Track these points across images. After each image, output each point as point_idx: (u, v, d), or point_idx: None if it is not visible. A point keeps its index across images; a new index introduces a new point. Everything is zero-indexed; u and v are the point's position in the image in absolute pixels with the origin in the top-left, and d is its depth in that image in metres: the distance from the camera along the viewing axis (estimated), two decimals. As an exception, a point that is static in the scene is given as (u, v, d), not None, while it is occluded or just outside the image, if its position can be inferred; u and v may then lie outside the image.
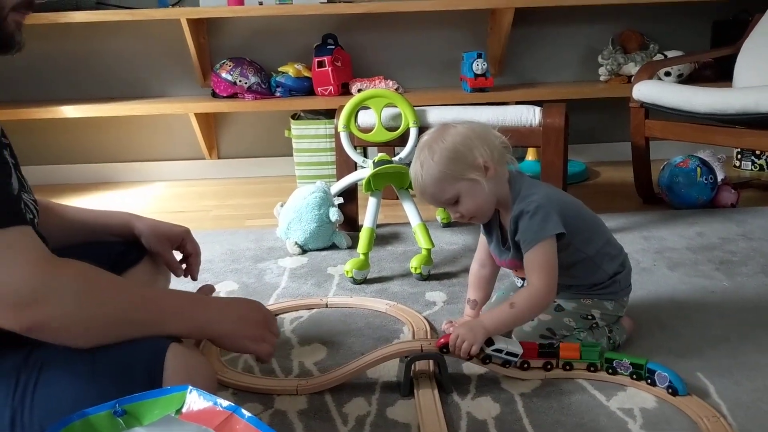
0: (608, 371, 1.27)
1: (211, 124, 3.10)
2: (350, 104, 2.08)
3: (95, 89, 3.01)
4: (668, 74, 2.88)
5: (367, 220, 1.90)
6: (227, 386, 1.28)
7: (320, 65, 2.79)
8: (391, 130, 2.10)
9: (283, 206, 2.12)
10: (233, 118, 3.13)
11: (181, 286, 1.35)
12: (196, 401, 0.78)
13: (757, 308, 1.58)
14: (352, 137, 2.12)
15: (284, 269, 1.93)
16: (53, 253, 0.89)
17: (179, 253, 1.32)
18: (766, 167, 2.94)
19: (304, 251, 2.06)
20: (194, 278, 1.34)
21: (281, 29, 2.99)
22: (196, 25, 2.81)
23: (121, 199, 2.87)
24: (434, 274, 1.85)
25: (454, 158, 1.26)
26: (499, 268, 1.46)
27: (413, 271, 1.82)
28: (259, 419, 0.75)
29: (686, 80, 2.87)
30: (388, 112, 2.11)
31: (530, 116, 2.05)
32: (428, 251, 1.85)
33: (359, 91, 2.72)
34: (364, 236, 1.86)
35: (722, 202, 2.38)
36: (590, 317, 1.36)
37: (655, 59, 2.85)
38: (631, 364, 1.25)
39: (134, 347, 0.90)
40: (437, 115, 2.12)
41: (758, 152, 2.92)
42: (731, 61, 2.57)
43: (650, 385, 1.23)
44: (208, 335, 1.04)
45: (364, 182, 1.93)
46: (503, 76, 3.07)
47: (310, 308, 1.65)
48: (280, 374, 1.35)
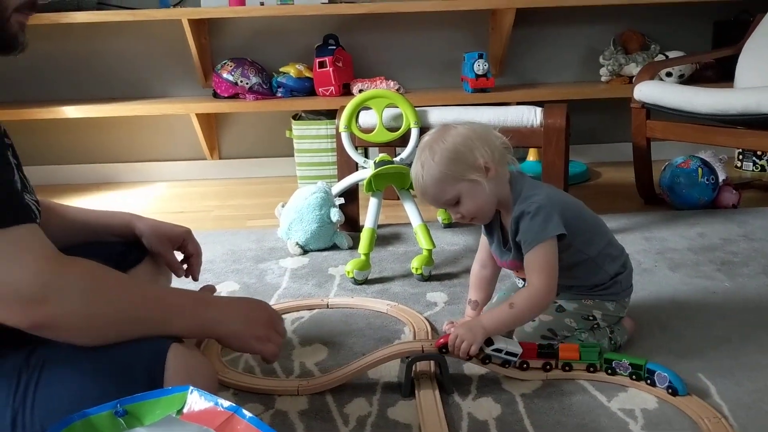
0: (607, 372, 1.27)
1: (212, 124, 3.11)
2: (351, 104, 2.08)
3: (97, 89, 3.02)
4: (669, 75, 2.87)
5: (368, 220, 1.90)
6: (228, 386, 1.28)
7: (321, 66, 2.79)
8: (392, 130, 2.10)
9: (284, 206, 2.12)
10: (234, 118, 3.14)
11: (182, 286, 1.34)
12: (197, 401, 0.78)
13: (758, 309, 1.58)
14: (353, 137, 2.12)
15: (285, 270, 1.93)
16: None
17: (180, 253, 1.32)
18: (767, 168, 2.94)
19: (305, 252, 2.06)
20: (195, 279, 1.34)
21: (282, 29, 2.99)
22: (197, 25, 2.81)
23: (122, 199, 2.87)
24: (435, 274, 1.85)
25: (454, 159, 1.25)
26: (500, 268, 1.46)
27: (414, 271, 1.82)
28: (260, 420, 0.75)
29: (687, 81, 2.87)
30: (389, 112, 2.11)
31: (531, 117, 2.05)
32: (429, 252, 1.85)
33: (360, 91, 2.72)
34: (365, 237, 1.86)
35: (724, 202, 2.38)
36: (591, 318, 1.36)
37: (656, 60, 2.85)
38: (630, 364, 1.25)
39: (135, 347, 0.90)
40: (438, 115, 2.12)
41: (760, 153, 2.92)
42: (732, 61, 2.57)
43: (650, 385, 1.23)
44: (213, 334, 1.04)
45: (365, 183, 1.93)
46: (504, 76, 3.07)
47: (311, 309, 1.65)
48: (281, 375, 1.35)
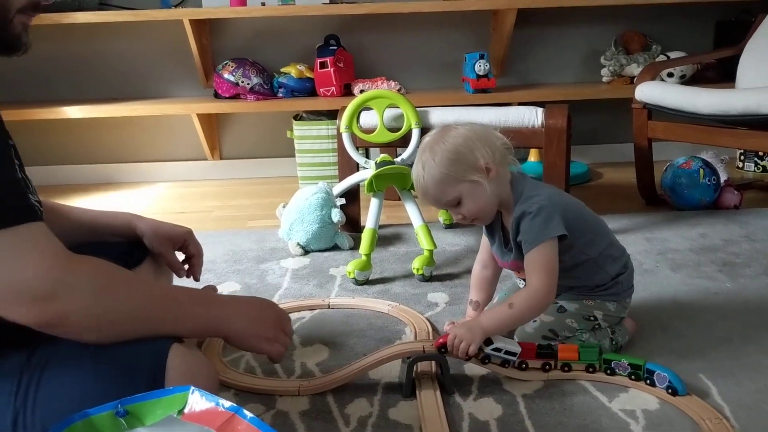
0: (606, 372, 1.27)
1: (213, 124, 3.11)
2: (352, 105, 2.08)
3: (98, 90, 3.02)
4: (671, 75, 2.87)
5: (369, 221, 1.90)
6: (229, 387, 1.28)
7: (323, 66, 2.79)
8: (393, 131, 2.10)
9: (285, 207, 2.12)
10: (235, 118, 3.14)
11: (183, 286, 1.35)
12: (198, 402, 0.78)
13: (759, 310, 1.58)
14: (354, 138, 2.12)
15: (286, 270, 1.93)
16: None
17: (182, 253, 1.32)
18: (768, 168, 2.94)
19: (306, 252, 2.06)
20: (197, 279, 1.34)
21: (284, 30, 2.99)
22: (198, 25, 2.81)
23: (123, 199, 2.87)
24: (436, 275, 1.85)
25: (455, 160, 1.25)
26: (501, 269, 1.46)
27: (415, 272, 1.82)
28: (261, 420, 0.75)
29: (689, 81, 2.86)
30: (390, 113, 2.11)
31: (532, 117, 2.04)
32: (430, 252, 1.85)
33: (361, 91, 2.72)
34: (366, 237, 1.86)
35: (725, 203, 2.38)
36: (593, 318, 1.36)
37: (657, 60, 2.85)
38: (629, 364, 1.25)
39: (136, 347, 0.90)
40: (439, 116, 2.12)
41: (761, 153, 2.92)
42: (734, 62, 2.57)
43: (649, 385, 1.23)
44: (221, 333, 1.04)
45: (366, 183, 1.93)
46: (505, 77, 3.07)
47: (312, 309, 1.65)
48: (282, 375, 1.35)
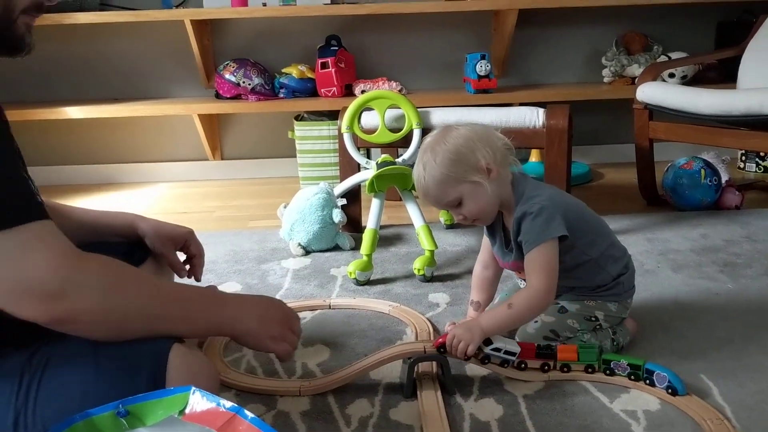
0: (606, 372, 1.27)
1: (214, 125, 3.11)
2: (354, 105, 2.08)
3: (99, 90, 3.02)
4: (672, 76, 2.87)
5: (370, 221, 1.90)
6: (230, 387, 1.28)
7: (324, 66, 2.79)
8: (394, 131, 2.10)
9: (286, 207, 2.12)
10: (237, 119, 3.14)
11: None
12: (199, 402, 0.78)
13: (761, 310, 1.58)
14: (355, 138, 2.12)
15: (287, 270, 1.93)
16: None
17: (183, 254, 1.32)
18: (770, 169, 2.94)
19: (307, 252, 2.06)
20: (198, 279, 1.34)
21: (285, 30, 2.99)
22: (199, 26, 2.81)
23: (124, 199, 2.87)
24: (437, 275, 1.85)
25: (456, 160, 1.25)
26: (502, 269, 1.46)
27: (416, 272, 1.82)
28: (262, 420, 0.75)
29: (690, 82, 2.86)
30: (391, 113, 2.11)
31: (534, 118, 2.04)
32: (431, 253, 1.85)
33: (363, 92, 2.72)
34: (367, 237, 1.85)
35: (726, 203, 2.37)
36: (594, 319, 1.36)
37: (658, 61, 2.84)
38: (628, 365, 1.25)
39: (137, 348, 0.90)
40: (440, 116, 2.12)
41: (763, 154, 2.91)
42: (735, 62, 2.57)
43: (649, 385, 1.23)
44: (229, 332, 1.05)
45: (367, 183, 1.93)
46: (507, 77, 3.07)
47: (313, 309, 1.65)
48: (283, 375, 1.35)
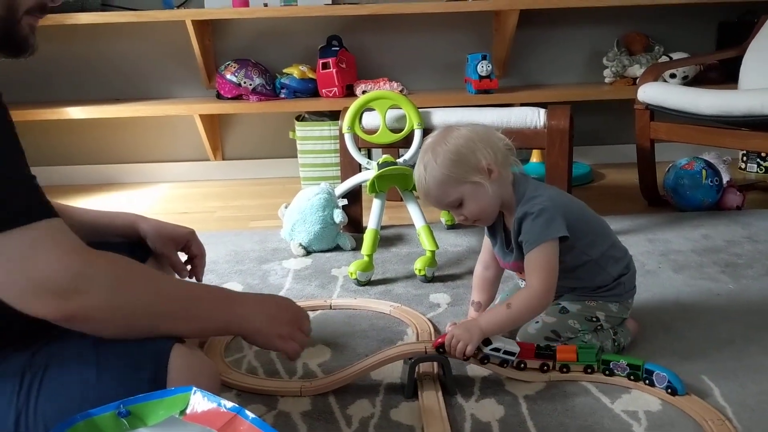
0: (605, 373, 1.27)
1: (215, 125, 3.11)
2: (355, 106, 2.08)
3: (100, 90, 3.02)
4: (673, 76, 2.87)
5: (371, 221, 1.90)
6: (231, 387, 1.28)
7: (325, 67, 2.79)
8: (395, 131, 2.10)
9: (287, 207, 2.12)
10: (238, 119, 3.14)
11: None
12: (200, 402, 0.78)
13: (762, 311, 1.58)
14: (356, 139, 2.12)
15: (288, 270, 1.93)
16: None
17: (184, 254, 1.33)
18: (771, 169, 2.93)
19: (308, 252, 2.06)
20: (199, 280, 1.34)
21: (286, 31, 2.99)
22: (201, 26, 2.81)
23: (126, 200, 2.88)
24: (438, 276, 1.85)
25: (457, 161, 1.25)
26: (503, 270, 1.46)
27: (417, 272, 1.82)
28: (262, 420, 0.76)
29: (691, 82, 2.86)
30: (392, 113, 2.11)
31: (535, 118, 2.04)
32: (432, 253, 1.84)
33: (364, 92, 2.72)
34: (368, 238, 1.85)
35: (728, 204, 2.37)
36: (595, 319, 1.36)
37: (660, 61, 2.84)
38: (628, 365, 1.25)
39: (138, 348, 0.90)
40: (441, 116, 2.12)
41: (764, 154, 2.91)
42: (737, 62, 2.57)
43: (648, 385, 1.23)
44: (238, 331, 1.05)
45: (368, 184, 1.93)
46: (508, 77, 3.07)
47: (314, 310, 1.65)
48: (284, 375, 1.35)
